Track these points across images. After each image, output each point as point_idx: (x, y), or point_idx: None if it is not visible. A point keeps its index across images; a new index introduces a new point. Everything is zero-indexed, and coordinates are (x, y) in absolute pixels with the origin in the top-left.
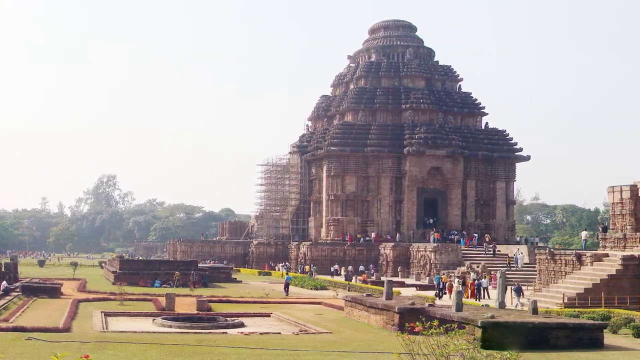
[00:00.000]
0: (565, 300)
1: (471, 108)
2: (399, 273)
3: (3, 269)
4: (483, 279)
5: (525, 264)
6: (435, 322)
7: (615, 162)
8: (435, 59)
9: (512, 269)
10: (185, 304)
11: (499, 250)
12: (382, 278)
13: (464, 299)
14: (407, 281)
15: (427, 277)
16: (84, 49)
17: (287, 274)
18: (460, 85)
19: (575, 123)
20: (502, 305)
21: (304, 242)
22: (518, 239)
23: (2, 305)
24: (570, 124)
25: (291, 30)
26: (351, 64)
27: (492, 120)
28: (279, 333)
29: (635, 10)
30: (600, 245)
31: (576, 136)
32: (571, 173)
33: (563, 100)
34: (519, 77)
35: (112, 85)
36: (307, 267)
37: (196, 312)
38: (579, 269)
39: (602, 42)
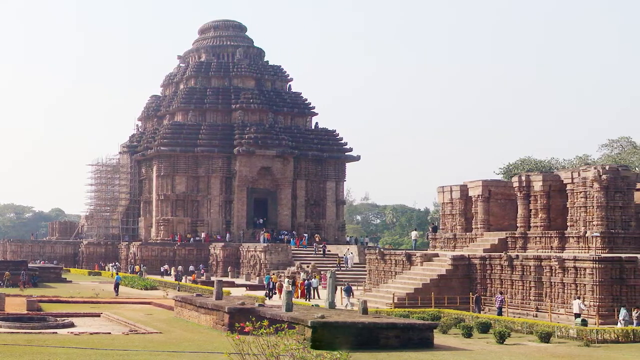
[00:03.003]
0: (396, 300)
1: (301, 108)
2: (229, 273)
3: None
4: (313, 279)
5: (355, 264)
6: (265, 322)
7: (444, 162)
8: (266, 59)
9: (342, 269)
10: (15, 304)
11: (329, 250)
12: (212, 278)
13: (294, 299)
14: (237, 281)
15: (257, 277)
16: None
17: (117, 274)
18: (290, 85)
19: (404, 123)
20: (332, 305)
21: (134, 242)
22: (348, 239)
23: None
24: (399, 123)
25: (120, 30)
26: (181, 64)
27: (323, 120)
28: (109, 333)
29: (464, 13)
30: (430, 245)
31: (406, 136)
32: (401, 173)
33: (392, 101)
34: (349, 77)
35: None
36: (137, 267)
37: (26, 312)
38: (409, 269)
39: (430, 42)
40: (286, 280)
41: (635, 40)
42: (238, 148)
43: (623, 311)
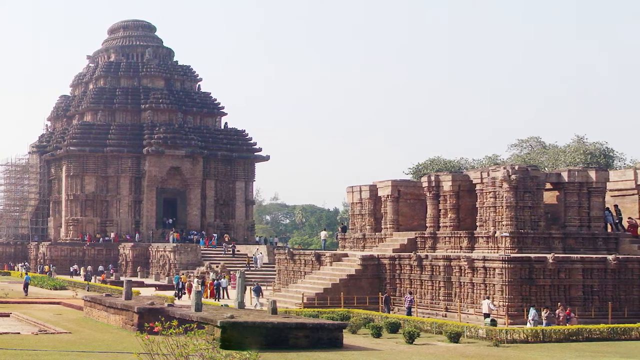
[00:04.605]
0: (305, 301)
1: (211, 108)
2: (139, 273)
3: None
4: (222, 279)
5: (264, 264)
6: (175, 322)
7: (353, 162)
8: (175, 59)
9: (251, 269)
10: None
11: (238, 250)
12: (122, 278)
13: (203, 299)
14: (147, 281)
15: (167, 277)
16: None
17: (26, 274)
18: (199, 85)
19: (313, 123)
20: (241, 305)
21: (43, 242)
22: (257, 239)
23: None
24: (308, 123)
25: (27, 29)
26: (91, 64)
27: (232, 120)
28: (19, 333)
29: (371, 12)
30: (340, 245)
31: (315, 136)
32: (310, 173)
33: (301, 101)
34: (257, 78)
35: None
36: (46, 267)
37: None
38: (319, 269)
39: (338, 41)
40: (195, 280)
41: (543, 41)
42: (147, 148)
43: (532, 311)
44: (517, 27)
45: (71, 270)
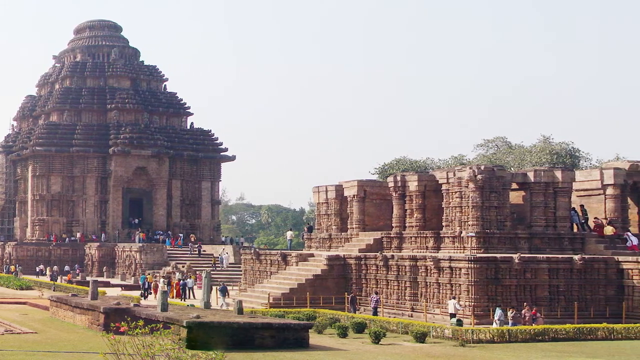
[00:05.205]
0: (271, 300)
1: (176, 108)
2: (105, 273)
3: None
4: (188, 279)
5: (230, 264)
6: (141, 322)
7: (319, 162)
8: (141, 59)
9: (217, 269)
10: None
11: (204, 250)
12: (88, 278)
13: (169, 299)
14: (113, 281)
15: (133, 277)
16: None
17: None
18: (165, 85)
19: (279, 123)
20: (207, 305)
21: (9, 242)
22: (223, 239)
23: None
24: (274, 123)
25: None
26: (57, 64)
27: (198, 120)
28: None
29: (333, 14)
30: (306, 245)
31: (280, 136)
32: (276, 173)
33: (266, 100)
34: (223, 78)
35: None
36: (12, 267)
37: None
38: (285, 269)
39: (302, 42)
40: (161, 280)
41: (507, 40)
42: (113, 148)
43: (498, 311)
44: (481, 27)
45: (37, 270)
